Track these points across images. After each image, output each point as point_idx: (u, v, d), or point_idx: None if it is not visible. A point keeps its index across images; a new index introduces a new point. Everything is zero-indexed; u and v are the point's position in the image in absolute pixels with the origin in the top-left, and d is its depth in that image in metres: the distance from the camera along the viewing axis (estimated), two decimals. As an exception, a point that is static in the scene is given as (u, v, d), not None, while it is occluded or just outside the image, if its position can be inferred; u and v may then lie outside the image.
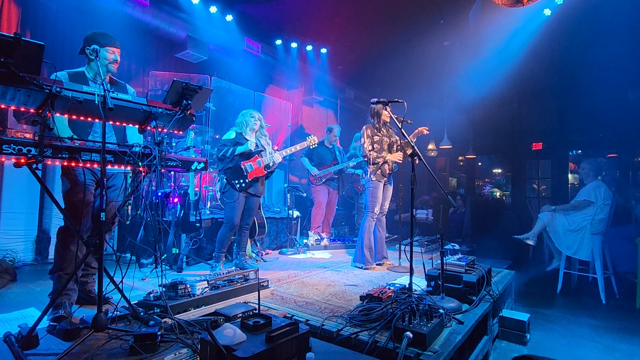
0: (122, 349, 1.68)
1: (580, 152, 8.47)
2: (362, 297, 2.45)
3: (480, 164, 10.99)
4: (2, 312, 2.43)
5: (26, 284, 3.27)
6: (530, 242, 4.45)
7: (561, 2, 5.75)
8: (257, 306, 2.10)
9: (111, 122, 2.19)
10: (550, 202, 6.71)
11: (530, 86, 8.24)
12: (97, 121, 2.10)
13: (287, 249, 4.90)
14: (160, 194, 3.08)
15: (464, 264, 2.71)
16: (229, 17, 6.17)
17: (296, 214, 5.34)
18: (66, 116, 1.99)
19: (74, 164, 1.77)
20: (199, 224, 3.85)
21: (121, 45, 2.52)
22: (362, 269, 3.76)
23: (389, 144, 3.89)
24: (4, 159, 1.59)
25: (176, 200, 3.76)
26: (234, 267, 3.60)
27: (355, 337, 1.97)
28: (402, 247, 3.97)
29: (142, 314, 2.02)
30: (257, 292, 2.18)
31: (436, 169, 10.64)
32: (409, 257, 2.63)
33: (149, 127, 2.13)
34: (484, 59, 6.92)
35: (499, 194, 10.60)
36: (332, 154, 5.37)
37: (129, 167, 1.93)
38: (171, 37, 5.70)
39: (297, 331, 1.64)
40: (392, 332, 1.87)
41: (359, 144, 4.52)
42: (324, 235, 5.21)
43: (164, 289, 2.22)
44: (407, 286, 2.52)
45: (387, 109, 3.40)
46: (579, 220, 4.17)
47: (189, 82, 2.08)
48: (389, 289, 2.46)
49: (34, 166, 1.64)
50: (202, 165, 2.23)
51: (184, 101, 2.08)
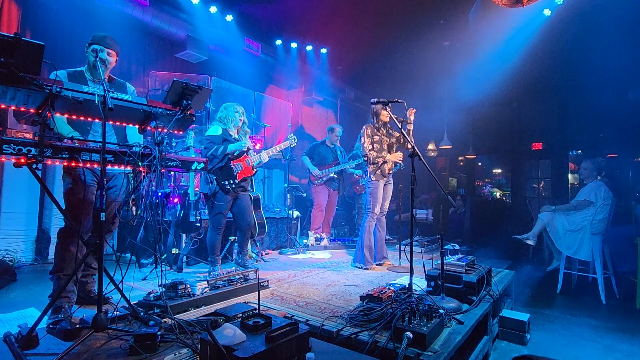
0: (122, 349, 1.68)
1: (580, 152, 8.47)
2: (362, 297, 2.45)
3: (480, 164, 10.99)
4: (2, 312, 2.43)
5: (26, 284, 3.27)
6: (530, 242, 4.45)
7: (561, 2, 5.75)
8: (257, 306, 2.10)
9: (111, 122, 2.19)
10: (550, 202, 6.71)
11: (530, 86, 8.25)
12: (97, 121, 2.10)
13: (287, 249, 4.90)
14: (160, 194, 3.08)
15: (464, 264, 2.71)
16: (229, 17, 6.18)
17: (296, 214, 5.34)
18: (66, 116, 1.99)
19: (74, 164, 1.77)
20: (199, 224, 3.85)
21: (121, 45, 2.51)
22: (362, 269, 3.76)
23: (389, 144, 3.89)
24: (4, 159, 1.59)
25: (176, 200, 3.76)
26: (235, 267, 3.58)
27: (355, 337, 1.97)
28: (402, 247, 3.97)
29: (142, 314, 2.01)
30: (257, 292, 2.18)
31: (436, 169, 10.64)
32: (409, 257, 2.63)
33: (149, 127, 2.13)
34: (483, 59, 6.93)
35: (499, 194, 10.60)
36: (333, 154, 5.37)
37: (129, 167, 1.93)
38: (171, 37, 5.71)
39: (297, 331, 1.63)
40: (392, 332, 1.87)
41: None
42: (324, 235, 5.21)
43: (164, 289, 2.22)
44: (407, 286, 2.52)
45: (386, 109, 3.39)
46: (579, 220, 4.17)
47: (189, 82, 2.08)
48: (389, 289, 2.46)
49: (34, 166, 1.64)
50: (202, 165, 2.23)
51: (184, 101, 2.07)
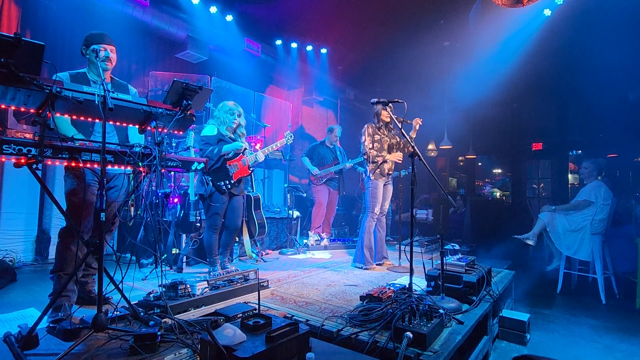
0: (122, 349, 1.68)
1: (580, 152, 8.48)
2: (362, 297, 2.45)
3: (480, 164, 10.99)
4: (2, 312, 2.43)
5: (26, 284, 3.26)
6: (530, 242, 4.45)
7: (561, 3, 5.75)
8: (257, 306, 2.10)
9: (111, 122, 2.19)
10: (550, 202, 6.72)
11: (530, 86, 8.25)
12: (98, 121, 2.10)
13: (287, 249, 4.90)
14: (160, 194, 3.08)
15: (464, 264, 2.71)
16: (229, 17, 6.18)
17: (296, 214, 5.34)
18: (67, 116, 1.99)
19: (74, 164, 1.77)
20: (199, 224, 3.85)
21: (121, 45, 2.51)
22: (362, 269, 3.76)
23: (390, 145, 3.89)
24: (4, 159, 1.59)
25: (176, 200, 3.76)
26: (235, 268, 3.58)
27: (355, 337, 1.97)
28: (402, 247, 3.97)
29: (142, 314, 2.01)
30: (257, 292, 2.18)
31: (436, 169, 10.65)
32: (409, 257, 2.63)
33: (149, 128, 2.13)
34: (483, 59, 6.93)
35: (499, 194, 10.60)
36: (332, 154, 5.38)
37: (130, 168, 1.93)
38: (171, 37, 5.71)
39: (297, 331, 1.64)
40: (392, 332, 1.87)
41: None
42: (324, 235, 5.21)
43: (164, 289, 2.22)
44: (407, 286, 2.52)
45: (387, 109, 3.38)
46: (579, 220, 4.17)
47: (189, 82, 2.08)
48: (389, 289, 2.46)
49: (34, 166, 1.64)
50: (202, 165, 2.23)
51: (184, 101, 2.07)
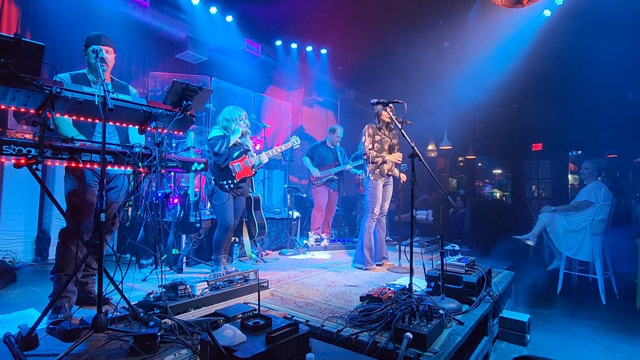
0: (122, 349, 1.68)
1: (580, 152, 8.48)
2: (362, 298, 2.45)
3: (480, 165, 11.00)
4: (1, 312, 2.43)
5: (26, 284, 3.26)
6: (530, 242, 4.45)
7: (561, 3, 5.76)
8: (257, 307, 2.10)
9: (111, 123, 2.19)
10: (550, 202, 6.71)
11: (530, 87, 8.25)
12: (98, 122, 2.10)
13: (287, 250, 4.90)
14: (160, 195, 3.08)
15: (464, 264, 2.71)
16: (229, 18, 6.18)
17: (296, 214, 5.34)
18: (67, 117, 1.99)
19: (74, 165, 1.77)
20: (199, 225, 3.85)
21: (121, 46, 2.51)
22: (362, 269, 3.76)
23: (390, 145, 3.89)
24: (4, 160, 1.59)
25: (176, 200, 3.76)
26: (235, 268, 3.58)
27: (355, 337, 1.96)
28: (402, 247, 3.97)
29: (142, 314, 2.01)
30: (257, 293, 2.18)
31: (436, 170, 10.65)
32: (409, 258, 2.62)
33: (149, 128, 2.13)
34: (483, 60, 6.93)
35: (499, 194, 10.60)
36: (333, 155, 5.37)
37: (130, 168, 1.93)
38: (171, 37, 5.71)
39: (297, 332, 1.64)
40: (392, 332, 1.87)
41: None
42: (324, 235, 5.21)
43: (164, 290, 2.22)
44: (407, 287, 2.52)
45: (387, 109, 3.37)
46: (579, 220, 4.17)
47: (189, 82, 2.08)
48: (389, 289, 2.46)
49: (34, 167, 1.64)
50: (202, 165, 2.23)
51: (184, 102, 2.07)
